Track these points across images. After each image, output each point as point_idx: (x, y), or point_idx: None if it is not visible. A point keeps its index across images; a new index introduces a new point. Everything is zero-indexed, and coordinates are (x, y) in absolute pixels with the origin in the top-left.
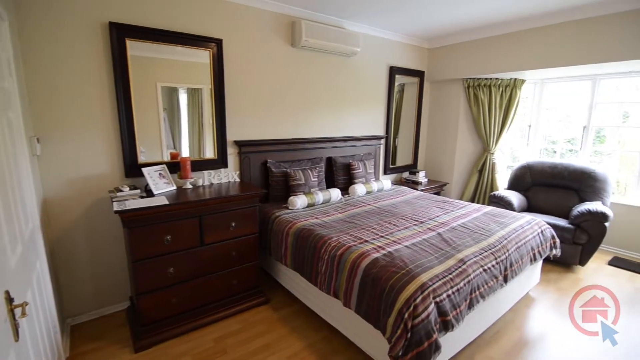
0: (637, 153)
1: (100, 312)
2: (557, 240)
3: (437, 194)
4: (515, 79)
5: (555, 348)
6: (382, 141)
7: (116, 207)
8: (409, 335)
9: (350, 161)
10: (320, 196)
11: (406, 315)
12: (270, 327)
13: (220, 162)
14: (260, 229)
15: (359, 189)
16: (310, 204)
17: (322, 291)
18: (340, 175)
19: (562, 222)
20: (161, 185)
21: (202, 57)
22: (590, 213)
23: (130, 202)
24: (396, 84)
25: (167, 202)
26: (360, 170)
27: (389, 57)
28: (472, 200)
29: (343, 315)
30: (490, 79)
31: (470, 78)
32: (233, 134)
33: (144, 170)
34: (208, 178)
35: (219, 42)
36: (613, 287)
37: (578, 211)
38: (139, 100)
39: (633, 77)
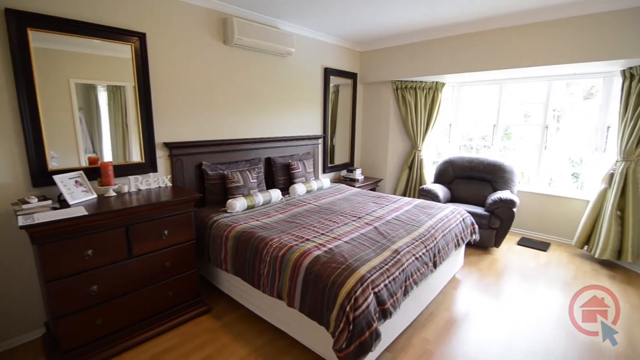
0: (536, 147)
1: (8, 343)
2: (476, 226)
3: (373, 189)
4: (437, 82)
5: (479, 321)
6: (320, 141)
7: (21, 221)
8: (351, 327)
9: (290, 161)
10: (260, 198)
11: (348, 308)
12: (212, 337)
13: (148, 166)
14: (197, 235)
15: (299, 188)
16: (250, 206)
17: (266, 293)
18: (280, 175)
19: (479, 210)
20: (78, 194)
21: (123, 51)
22: (501, 200)
23: (39, 214)
24: (331, 85)
25: (85, 213)
26: (300, 170)
27: (324, 58)
28: (404, 194)
29: (287, 315)
30: (416, 81)
31: (398, 80)
32: (163, 135)
33: (56, 178)
34: (135, 184)
35: (141, 36)
36: (521, 263)
37: (492, 199)
38: (47, 98)
39: (532, 82)
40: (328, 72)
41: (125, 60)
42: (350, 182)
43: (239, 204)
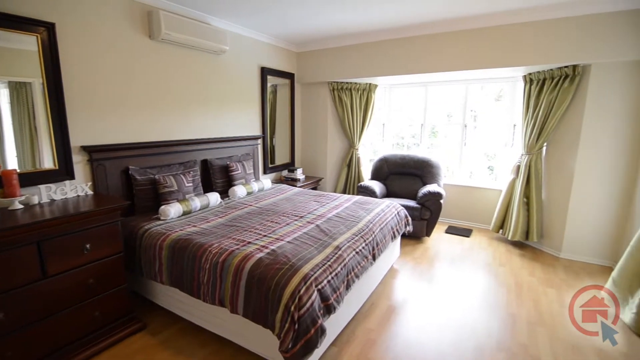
0: (457, 144)
1: None
2: (409, 218)
3: (315, 188)
4: (370, 84)
5: (416, 306)
6: (260, 141)
7: None
8: (296, 326)
9: (228, 163)
10: (197, 202)
11: (292, 308)
12: (149, 355)
13: (63, 172)
14: (126, 247)
15: (239, 190)
16: (186, 212)
17: (207, 302)
18: (218, 178)
19: (411, 203)
20: None
21: (27, 43)
22: (430, 193)
23: None
24: (269, 84)
25: None
26: (240, 172)
27: (260, 58)
28: (344, 191)
29: (231, 322)
30: (351, 83)
31: (334, 81)
32: (80, 138)
33: None
34: (47, 194)
35: (49, 27)
36: (449, 248)
37: (422, 193)
38: None
39: (452, 85)
40: (265, 72)
41: (31, 53)
42: (292, 182)
43: (173, 210)
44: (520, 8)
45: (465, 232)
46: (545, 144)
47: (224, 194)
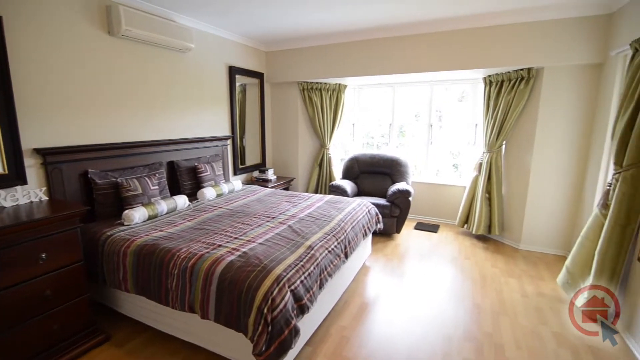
0: (424, 143)
1: None
2: (380, 216)
3: (286, 189)
4: (340, 84)
5: (388, 301)
6: (229, 141)
7: None
8: (269, 328)
9: (196, 164)
10: (163, 206)
11: (265, 310)
12: None
13: (14, 177)
14: (86, 255)
15: (208, 192)
16: (152, 216)
17: (176, 309)
18: (185, 180)
19: (382, 201)
20: None
21: None
22: (399, 191)
23: None
24: (237, 84)
25: None
26: (208, 173)
27: (228, 56)
28: (316, 191)
29: (202, 328)
30: (320, 83)
31: (304, 82)
32: (33, 139)
33: None
34: None
35: None
36: (418, 244)
37: (391, 191)
38: None
39: (419, 85)
40: (233, 71)
41: None
42: (263, 182)
43: (138, 214)
44: (481, 13)
45: (433, 228)
46: (504, 142)
47: (193, 196)
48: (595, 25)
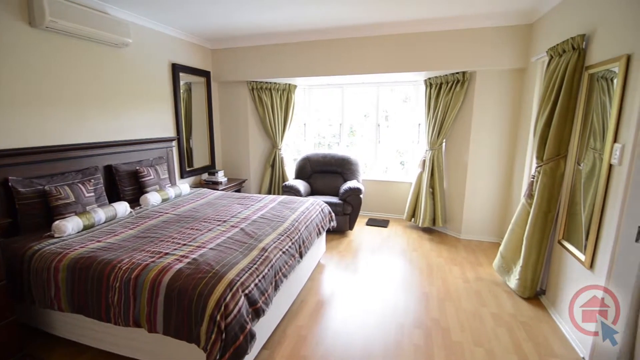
0: (373, 142)
1: None
2: (333, 214)
3: (238, 191)
4: (290, 84)
5: (343, 297)
6: (174, 143)
7: None
8: (224, 335)
9: (138, 168)
10: (101, 214)
11: (218, 317)
12: None
13: None
14: (9, 273)
15: (152, 198)
16: (88, 226)
17: (119, 325)
18: (126, 185)
19: (334, 200)
20: None
21: None
22: (351, 189)
23: None
24: (182, 82)
25: None
26: (152, 177)
27: (171, 53)
28: (269, 192)
29: (151, 343)
30: (270, 83)
31: (253, 81)
32: None
33: None
34: None
35: None
36: (370, 239)
37: (343, 189)
38: None
39: (366, 87)
40: (177, 69)
41: None
42: (213, 185)
43: (70, 225)
44: (421, 19)
45: (384, 223)
46: (444, 140)
47: (135, 202)
48: (519, 34)
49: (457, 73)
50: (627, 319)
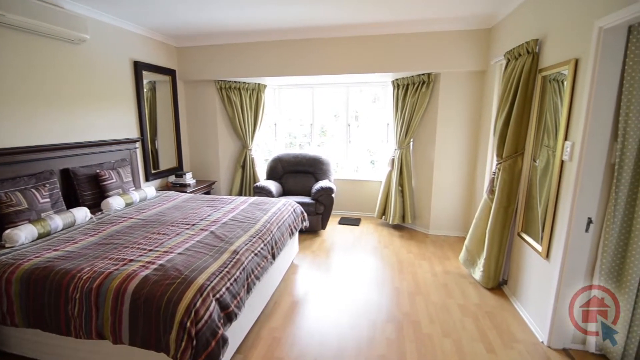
0: (343, 142)
1: None
2: (305, 214)
3: (208, 193)
4: (259, 83)
5: (317, 297)
6: (138, 144)
7: None
8: (194, 342)
9: (98, 171)
10: (57, 221)
11: (188, 324)
12: None
13: None
14: None
15: (114, 202)
16: (44, 234)
17: (81, 338)
18: (86, 190)
19: (307, 200)
20: None
21: None
22: (322, 189)
23: None
24: (145, 81)
25: None
26: (114, 181)
27: (133, 50)
28: (240, 193)
29: (116, 355)
30: (239, 82)
31: (221, 80)
32: None
33: None
34: None
35: None
36: (342, 238)
37: (315, 189)
38: None
39: (336, 87)
40: (139, 67)
41: None
42: (181, 188)
43: (24, 233)
44: (390, 21)
45: (355, 222)
46: (412, 139)
47: (96, 208)
48: (479, 38)
49: (423, 74)
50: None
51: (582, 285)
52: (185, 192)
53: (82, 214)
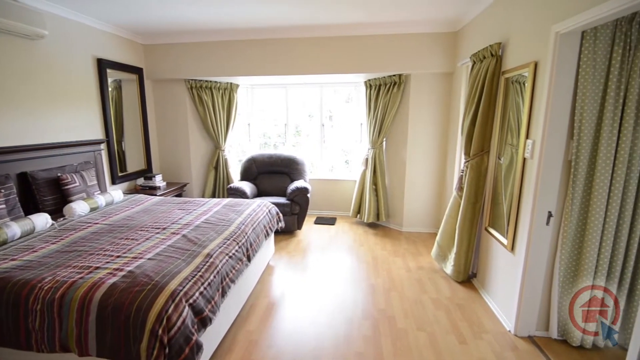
0: (318, 142)
1: None
2: (281, 215)
3: (179, 195)
4: (231, 83)
5: (294, 297)
6: (103, 146)
7: None
8: (167, 350)
9: (60, 174)
10: (15, 229)
11: (160, 332)
12: None
13: None
14: None
15: (78, 207)
16: (0, 243)
17: (43, 352)
18: (46, 195)
19: (282, 200)
20: None
21: None
22: (298, 189)
23: None
24: (110, 79)
25: None
26: (78, 185)
27: (96, 47)
28: (213, 195)
29: None
30: (210, 81)
31: (192, 79)
32: None
33: None
34: None
35: None
36: (319, 238)
37: (291, 189)
38: None
39: (309, 87)
40: (103, 65)
41: None
42: (150, 190)
43: None
44: (361, 22)
45: (331, 221)
46: (384, 139)
47: (58, 213)
48: (447, 41)
49: (394, 75)
50: (542, 289)
51: (543, 277)
52: (155, 195)
53: (42, 220)
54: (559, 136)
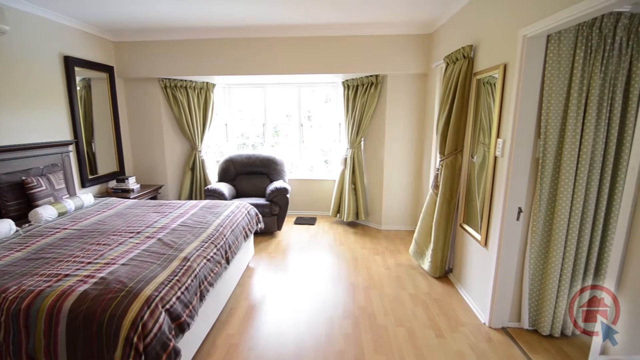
0: (297, 142)
1: None
2: (260, 216)
3: (154, 198)
4: (207, 82)
5: (274, 299)
6: (72, 147)
7: None
8: (143, 358)
9: (24, 178)
10: None
11: (135, 339)
12: None
13: None
14: None
15: (45, 212)
16: None
17: None
18: (9, 199)
19: (261, 201)
20: None
21: None
22: (277, 190)
23: None
24: (78, 78)
25: None
26: (44, 188)
27: (63, 44)
28: (190, 197)
29: None
30: (185, 80)
31: (166, 78)
32: None
33: None
34: None
35: None
36: (299, 238)
37: (270, 190)
38: None
39: (287, 87)
40: (71, 62)
41: None
42: (123, 193)
43: None
44: (338, 23)
45: (311, 221)
46: (363, 138)
47: (23, 219)
48: (422, 42)
49: (371, 76)
50: (514, 282)
51: (515, 270)
52: (129, 198)
53: (5, 227)
54: (527, 135)
